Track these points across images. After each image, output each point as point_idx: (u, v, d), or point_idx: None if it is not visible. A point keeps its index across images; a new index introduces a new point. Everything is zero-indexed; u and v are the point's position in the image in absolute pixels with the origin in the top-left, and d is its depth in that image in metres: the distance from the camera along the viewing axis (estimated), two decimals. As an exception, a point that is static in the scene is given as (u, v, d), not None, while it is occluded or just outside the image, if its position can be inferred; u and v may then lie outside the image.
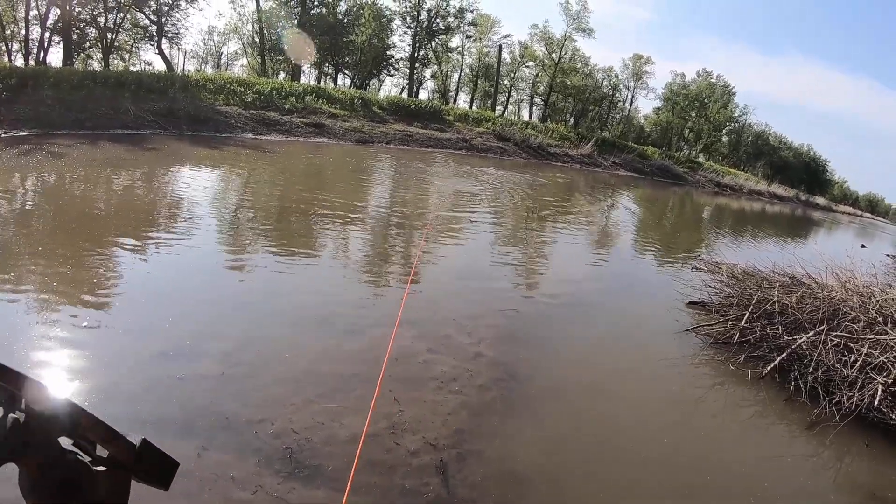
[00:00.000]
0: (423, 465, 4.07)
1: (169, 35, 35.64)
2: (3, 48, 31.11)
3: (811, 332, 6.87)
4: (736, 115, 52.99)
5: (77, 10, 29.83)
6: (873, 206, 62.60)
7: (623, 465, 4.57)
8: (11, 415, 0.58)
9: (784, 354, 6.69)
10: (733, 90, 51.32)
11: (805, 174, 55.83)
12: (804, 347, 6.70)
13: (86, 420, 0.62)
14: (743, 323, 7.52)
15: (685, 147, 52.88)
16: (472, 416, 4.84)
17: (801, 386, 6.22)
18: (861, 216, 51.37)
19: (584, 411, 5.37)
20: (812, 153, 59.04)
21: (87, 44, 32.49)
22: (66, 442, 0.63)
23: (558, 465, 4.43)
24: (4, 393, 0.59)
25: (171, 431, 4.03)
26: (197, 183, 13.33)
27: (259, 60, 40.15)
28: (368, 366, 5.20)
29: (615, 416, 5.37)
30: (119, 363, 4.78)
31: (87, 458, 0.65)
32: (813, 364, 6.39)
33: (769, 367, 6.59)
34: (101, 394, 4.33)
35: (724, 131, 53.84)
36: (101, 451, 0.66)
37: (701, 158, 49.51)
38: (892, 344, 6.35)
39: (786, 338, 6.98)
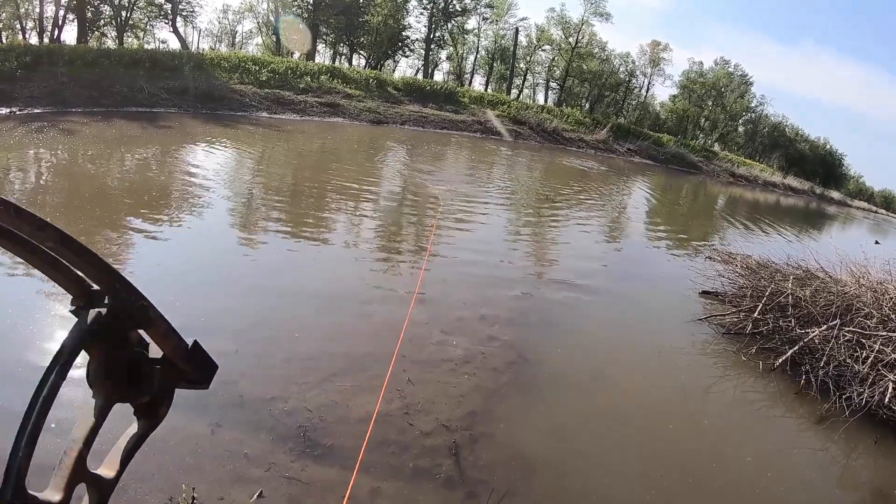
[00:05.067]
0: (436, 446, 4.13)
1: (184, 13, 35.66)
2: (18, 26, 31.21)
3: (824, 327, 6.85)
4: (752, 105, 52.23)
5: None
6: (888, 203, 61.44)
7: (629, 453, 4.61)
8: (93, 309, 0.65)
9: (796, 347, 6.67)
10: (750, 80, 50.60)
11: (821, 168, 54.96)
12: (816, 341, 6.68)
13: (154, 313, 0.76)
14: (756, 314, 7.50)
15: (701, 136, 52.16)
16: (485, 398, 4.89)
17: (812, 380, 6.22)
18: (876, 212, 50.57)
19: (594, 397, 5.41)
20: (829, 147, 58.02)
21: (102, 22, 32.43)
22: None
23: (566, 451, 4.47)
24: (82, 289, 0.70)
25: (185, 408, 4.02)
26: (210, 162, 13.35)
27: (274, 39, 39.95)
28: (381, 345, 5.25)
29: (624, 403, 5.39)
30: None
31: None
32: (824, 358, 6.37)
33: (780, 360, 6.59)
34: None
35: (740, 121, 53.10)
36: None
37: (716, 148, 48.76)
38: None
39: (798, 331, 6.97)
